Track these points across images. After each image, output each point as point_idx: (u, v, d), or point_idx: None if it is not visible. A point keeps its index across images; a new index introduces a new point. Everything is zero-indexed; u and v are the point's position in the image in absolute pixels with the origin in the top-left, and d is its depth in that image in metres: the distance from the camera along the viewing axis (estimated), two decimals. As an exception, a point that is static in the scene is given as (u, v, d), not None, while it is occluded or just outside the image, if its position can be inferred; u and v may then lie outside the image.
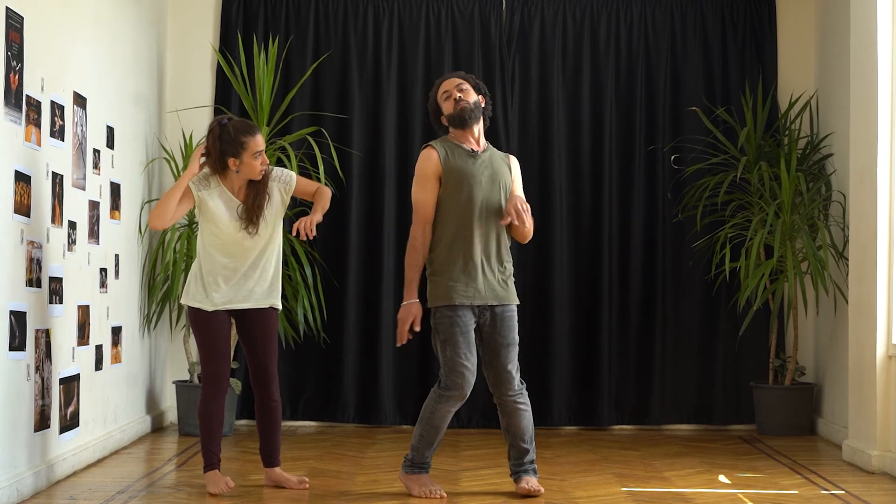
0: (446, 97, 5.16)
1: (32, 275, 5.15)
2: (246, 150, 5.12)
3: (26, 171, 5.09)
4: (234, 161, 5.15)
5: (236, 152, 5.13)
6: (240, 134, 5.12)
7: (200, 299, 5.23)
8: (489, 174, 5.12)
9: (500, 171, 5.17)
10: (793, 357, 7.27)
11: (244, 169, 5.16)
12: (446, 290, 5.05)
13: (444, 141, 5.20)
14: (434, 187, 5.10)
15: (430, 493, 5.10)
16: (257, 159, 5.14)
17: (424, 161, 5.13)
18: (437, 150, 5.12)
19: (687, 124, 7.63)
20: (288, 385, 7.46)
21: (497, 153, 5.26)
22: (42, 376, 5.26)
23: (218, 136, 5.14)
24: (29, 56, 5.12)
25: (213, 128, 5.18)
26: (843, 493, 5.33)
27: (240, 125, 5.17)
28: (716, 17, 7.68)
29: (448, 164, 5.09)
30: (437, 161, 5.09)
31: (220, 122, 5.19)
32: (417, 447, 5.17)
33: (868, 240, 6.05)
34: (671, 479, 5.72)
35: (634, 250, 7.63)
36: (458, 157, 5.12)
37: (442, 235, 5.10)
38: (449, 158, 5.11)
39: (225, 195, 5.21)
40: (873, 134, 5.98)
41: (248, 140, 5.12)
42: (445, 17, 7.66)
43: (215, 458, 5.27)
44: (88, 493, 5.18)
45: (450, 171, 5.08)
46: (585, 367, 7.59)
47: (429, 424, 5.12)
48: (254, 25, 7.61)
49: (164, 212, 5.11)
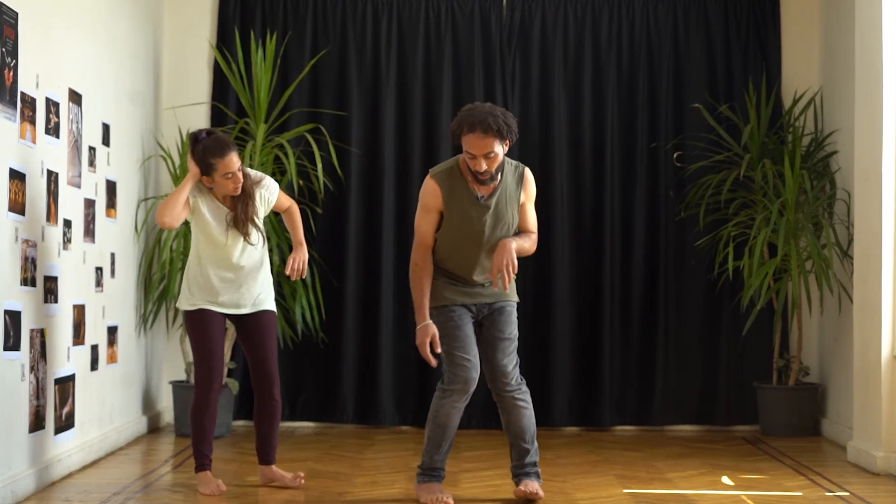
0: (471, 157, 4.80)
1: (27, 274, 5.12)
2: (216, 171, 5.11)
3: (21, 168, 5.07)
4: (207, 179, 5.16)
5: (207, 171, 5.13)
6: (208, 155, 5.09)
7: (195, 301, 5.24)
8: (492, 219, 4.95)
9: (504, 213, 4.96)
10: (797, 357, 7.25)
11: (216, 187, 5.17)
12: (440, 293, 5.03)
13: (450, 175, 4.94)
14: (435, 218, 4.97)
15: (436, 501, 4.99)
16: (228, 179, 5.12)
17: (426, 194, 4.96)
18: (440, 186, 4.92)
19: (690, 121, 7.59)
20: (286, 385, 7.43)
21: (509, 179, 4.98)
22: (37, 376, 5.23)
23: (192, 151, 5.15)
24: (24, 52, 5.09)
25: (190, 141, 5.19)
26: (847, 495, 5.30)
27: (211, 145, 5.11)
28: (719, 12, 7.65)
29: (449, 204, 4.93)
30: (440, 197, 4.92)
31: (196, 136, 5.18)
32: (427, 451, 5.10)
33: (873, 238, 6.02)
34: (673, 480, 5.70)
35: (636, 249, 7.60)
36: (460, 200, 4.93)
37: (439, 249, 5.03)
38: (451, 199, 4.92)
39: (213, 203, 5.21)
40: (878, 131, 5.95)
41: (217, 162, 5.09)
42: (445, 13, 7.62)
43: (206, 460, 5.27)
44: (84, 495, 5.15)
45: (450, 211, 4.93)
46: (587, 366, 7.56)
47: (434, 423, 5.05)
48: (251, 21, 7.58)
49: (173, 209, 5.11)
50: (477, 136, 4.75)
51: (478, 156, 4.78)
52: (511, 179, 4.99)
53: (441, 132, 7.53)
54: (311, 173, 7.14)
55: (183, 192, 5.14)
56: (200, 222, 5.20)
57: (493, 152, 4.78)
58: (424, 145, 7.58)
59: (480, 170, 4.80)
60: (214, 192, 5.20)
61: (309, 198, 7.32)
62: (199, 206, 5.18)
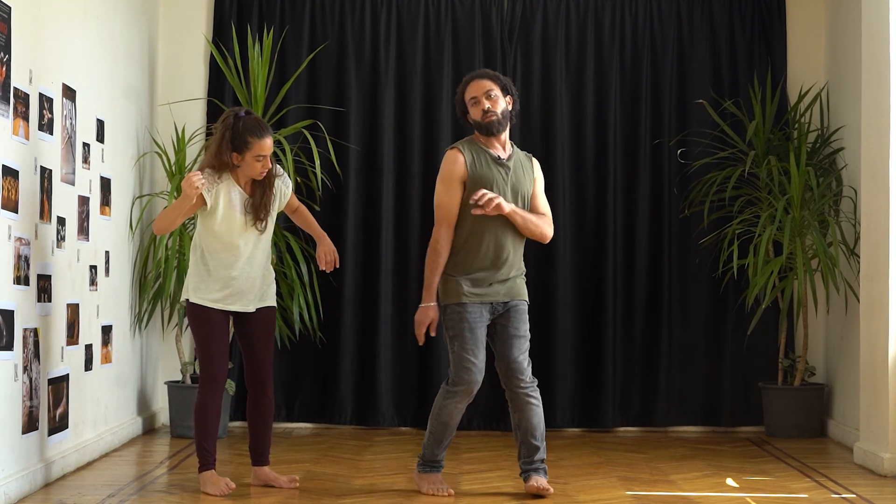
0: (474, 103, 5.16)
1: (20, 272, 5.09)
2: (249, 150, 5.16)
3: (14, 165, 5.04)
4: (237, 156, 5.17)
5: (240, 149, 5.16)
6: (247, 133, 5.16)
7: (203, 296, 5.22)
8: (514, 182, 5.18)
9: (521, 181, 5.22)
10: (802, 357, 7.22)
11: (244, 166, 5.20)
12: (457, 288, 5.13)
13: (470, 143, 5.21)
14: (459, 191, 5.14)
15: (438, 491, 5.20)
16: (259, 161, 5.18)
17: (450, 164, 5.16)
18: (463, 155, 5.15)
19: (694, 117, 7.56)
20: (283, 385, 7.42)
21: (521, 155, 5.30)
22: (30, 377, 5.20)
23: (230, 127, 5.18)
24: (17, 47, 5.07)
25: (228, 117, 5.22)
26: (854, 497, 5.28)
27: (251, 124, 5.19)
28: (723, 6, 7.62)
29: (474, 170, 5.13)
30: (464, 165, 5.13)
31: (236, 113, 5.23)
32: (427, 444, 5.27)
33: (880, 236, 6.00)
34: (677, 482, 5.68)
35: (639, 247, 7.57)
36: (485, 165, 5.15)
37: (458, 233, 5.15)
38: (476, 165, 5.14)
39: (235, 189, 5.22)
40: (885, 127, 5.93)
41: (254, 141, 5.15)
42: (445, 6, 7.59)
43: (211, 458, 5.26)
44: (78, 497, 5.12)
45: (475, 178, 5.12)
46: (589, 367, 7.52)
47: (437, 421, 5.21)
48: (248, 16, 7.54)
49: (171, 225, 5.19)
50: (475, 82, 5.17)
51: (479, 96, 5.12)
52: (523, 156, 5.29)
53: (441, 128, 7.50)
54: (309, 170, 7.11)
55: (183, 215, 5.17)
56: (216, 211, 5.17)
57: (493, 91, 5.13)
58: (424, 141, 7.54)
59: (484, 108, 5.10)
60: (236, 175, 5.21)
61: (307, 195, 7.28)
62: (220, 196, 5.17)
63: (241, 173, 5.22)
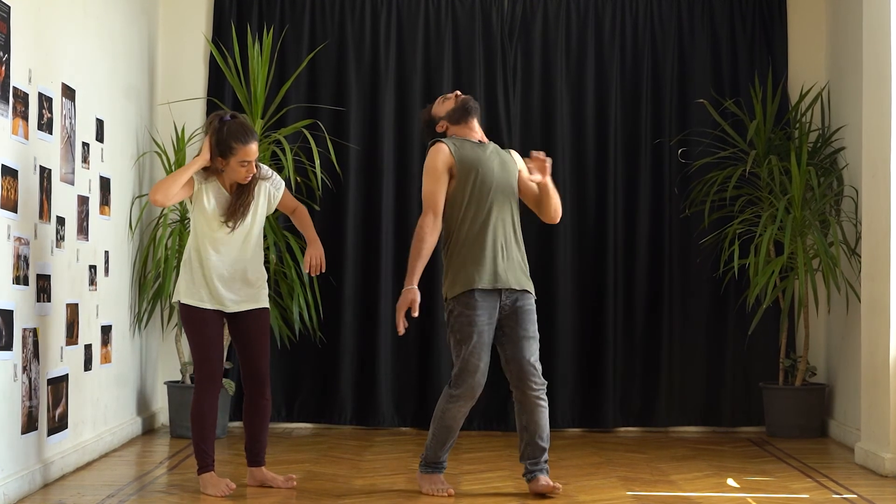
0: (444, 100, 5.39)
1: (19, 272, 5.08)
2: (234, 156, 5.15)
3: (13, 165, 5.03)
4: (222, 161, 5.17)
5: (225, 154, 5.15)
6: (231, 138, 5.14)
7: (193, 296, 5.22)
8: (499, 161, 5.30)
9: (506, 161, 5.35)
10: (803, 357, 7.21)
11: (228, 171, 5.20)
12: (467, 276, 5.13)
13: (450, 137, 5.34)
14: (445, 180, 5.21)
15: (438, 491, 5.21)
16: (243, 167, 5.17)
17: (435, 154, 5.23)
18: (446, 144, 5.25)
19: (694, 117, 7.55)
20: (283, 385, 7.41)
21: (497, 147, 5.43)
22: (29, 377, 5.19)
23: (215, 131, 5.17)
24: (16, 47, 5.06)
25: (213, 121, 5.22)
26: (855, 498, 5.27)
27: (236, 129, 5.16)
28: (724, 5, 7.62)
29: (459, 154, 5.23)
30: (449, 153, 5.21)
31: (221, 117, 5.22)
32: (430, 446, 5.28)
33: (881, 236, 5.99)
34: (678, 482, 5.67)
35: (640, 247, 7.56)
36: (468, 148, 5.27)
37: (460, 227, 5.19)
38: (459, 149, 5.24)
39: (218, 190, 5.23)
40: (886, 127, 5.92)
41: (238, 147, 5.14)
42: (445, 6, 7.59)
43: (210, 459, 5.24)
44: (78, 497, 5.11)
45: (462, 160, 5.21)
46: (590, 367, 7.51)
47: (440, 424, 5.23)
48: (248, 15, 7.54)
49: (169, 188, 5.13)
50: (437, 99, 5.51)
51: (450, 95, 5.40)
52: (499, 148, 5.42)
53: (441, 128, 7.47)
54: (309, 170, 7.10)
55: (187, 172, 5.16)
56: (201, 208, 5.19)
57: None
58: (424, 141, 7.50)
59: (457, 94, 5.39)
60: (222, 177, 5.22)
61: (306, 195, 7.27)
62: (202, 193, 5.19)
63: (226, 177, 5.22)
